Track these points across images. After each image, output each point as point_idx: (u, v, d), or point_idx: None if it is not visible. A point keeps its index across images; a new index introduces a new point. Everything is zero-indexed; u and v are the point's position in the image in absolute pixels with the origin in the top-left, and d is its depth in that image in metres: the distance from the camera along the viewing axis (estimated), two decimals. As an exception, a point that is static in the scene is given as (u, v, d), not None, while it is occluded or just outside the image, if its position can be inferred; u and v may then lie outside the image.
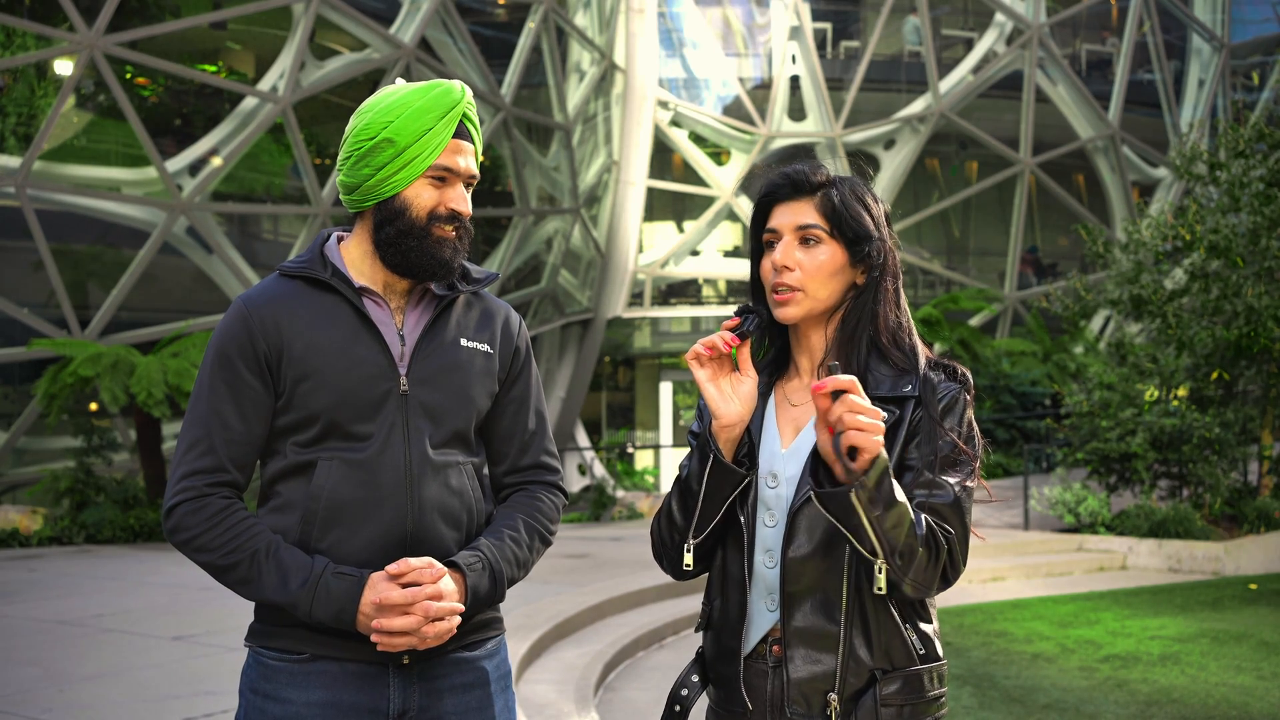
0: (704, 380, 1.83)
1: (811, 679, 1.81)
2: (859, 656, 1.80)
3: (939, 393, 1.85)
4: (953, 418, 1.84)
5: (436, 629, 1.89)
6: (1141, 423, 11.65)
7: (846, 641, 1.80)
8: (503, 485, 2.17)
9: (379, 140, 1.98)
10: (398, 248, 1.99)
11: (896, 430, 1.83)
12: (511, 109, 17.35)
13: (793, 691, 1.81)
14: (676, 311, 23.16)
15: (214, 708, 5.20)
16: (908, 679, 1.81)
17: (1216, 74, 24.68)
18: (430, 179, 1.99)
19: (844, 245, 1.88)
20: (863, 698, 1.79)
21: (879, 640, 1.80)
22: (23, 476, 13.96)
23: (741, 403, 1.84)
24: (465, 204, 2.02)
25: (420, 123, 1.97)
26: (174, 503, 1.94)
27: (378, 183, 1.99)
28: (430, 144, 1.97)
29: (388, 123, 1.97)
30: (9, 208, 13.34)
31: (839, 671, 1.79)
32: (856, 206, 1.88)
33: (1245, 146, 12.69)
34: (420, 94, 1.99)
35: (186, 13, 15.95)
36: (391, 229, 1.99)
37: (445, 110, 1.98)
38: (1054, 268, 24.44)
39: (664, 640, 7.56)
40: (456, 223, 2.01)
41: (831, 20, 23.26)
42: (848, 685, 1.79)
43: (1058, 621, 8.19)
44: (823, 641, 1.81)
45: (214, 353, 1.99)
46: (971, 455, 1.84)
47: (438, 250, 1.99)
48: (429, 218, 1.99)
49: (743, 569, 1.88)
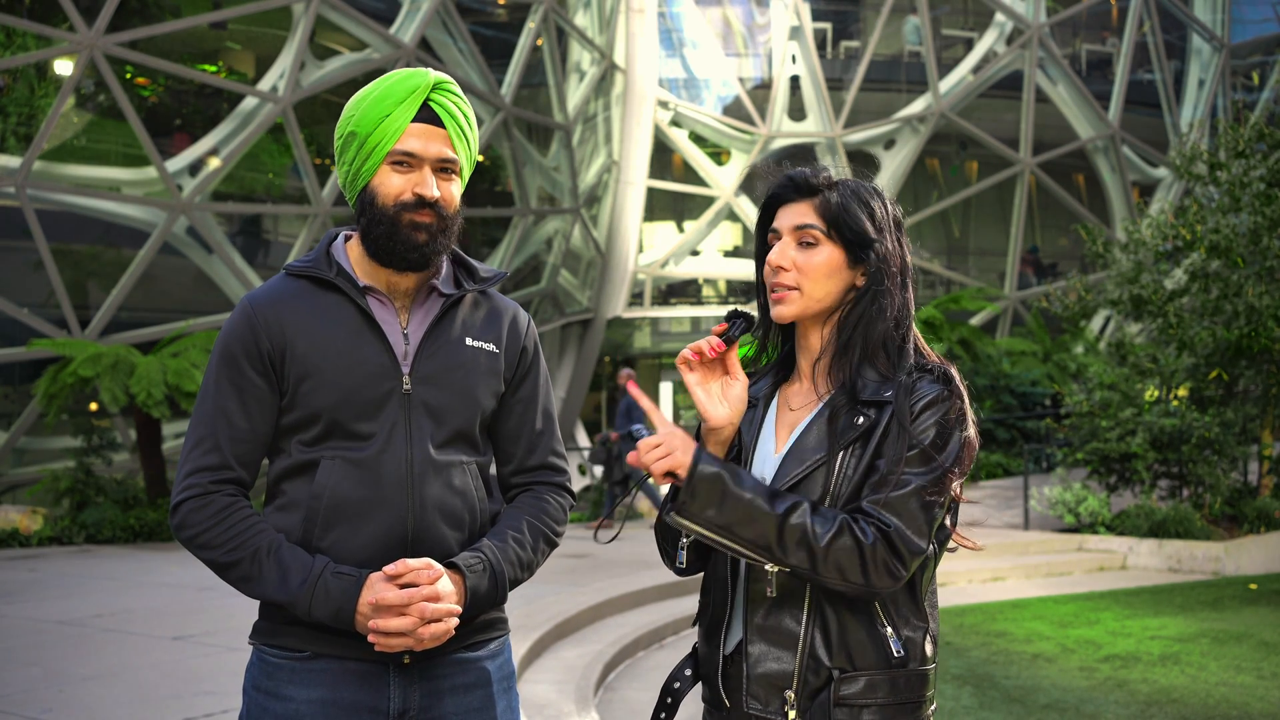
0: (694, 384, 1.86)
1: (769, 675, 1.82)
2: (818, 655, 1.81)
3: (916, 394, 1.84)
4: (930, 415, 1.82)
5: (433, 630, 1.88)
6: (1141, 423, 11.65)
7: (806, 640, 1.81)
8: (509, 485, 2.16)
9: (346, 135, 1.99)
10: (370, 236, 1.99)
11: (871, 434, 1.83)
12: (511, 109, 17.35)
13: (752, 687, 1.83)
14: (676, 311, 23.16)
15: (214, 708, 5.20)
16: (875, 681, 1.80)
17: (1216, 74, 24.68)
18: (391, 165, 1.97)
19: (842, 246, 1.89)
20: (819, 696, 1.80)
21: (841, 640, 1.80)
22: (23, 476, 13.96)
23: (731, 406, 1.86)
24: (432, 188, 1.97)
25: (378, 110, 1.96)
26: (179, 499, 1.95)
27: (353, 176, 2.00)
28: (388, 130, 1.95)
29: (351, 115, 1.98)
30: (9, 208, 13.34)
31: (797, 670, 1.81)
32: (855, 208, 1.89)
33: (1245, 146, 12.68)
34: (381, 82, 1.99)
35: (186, 13, 15.96)
36: (365, 219, 1.99)
37: (403, 96, 1.96)
38: (1054, 268, 24.44)
39: (664, 640, 7.57)
40: (429, 208, 1.97)
41: (831, 20, 23.27)
42: (806, 684, 1.81)
43: (1058, 621, 8.19)
44: (783, 639, 1.82)
45: (220, 352, 1.99)
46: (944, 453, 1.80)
47: (410, 236, 1.97)
48: (396, 205, 1.97)
49: (726, 568, 1.91)
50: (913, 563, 1.77)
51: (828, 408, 1.88)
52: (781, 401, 1.97)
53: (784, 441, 1.92)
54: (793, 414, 1.94)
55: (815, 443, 1.86)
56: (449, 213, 2.01)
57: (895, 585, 1.77)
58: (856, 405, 1.84)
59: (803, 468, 1.84)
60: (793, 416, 1.94)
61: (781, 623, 1.82)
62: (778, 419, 1.95)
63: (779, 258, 1.89)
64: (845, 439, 1.83)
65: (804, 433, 1.88)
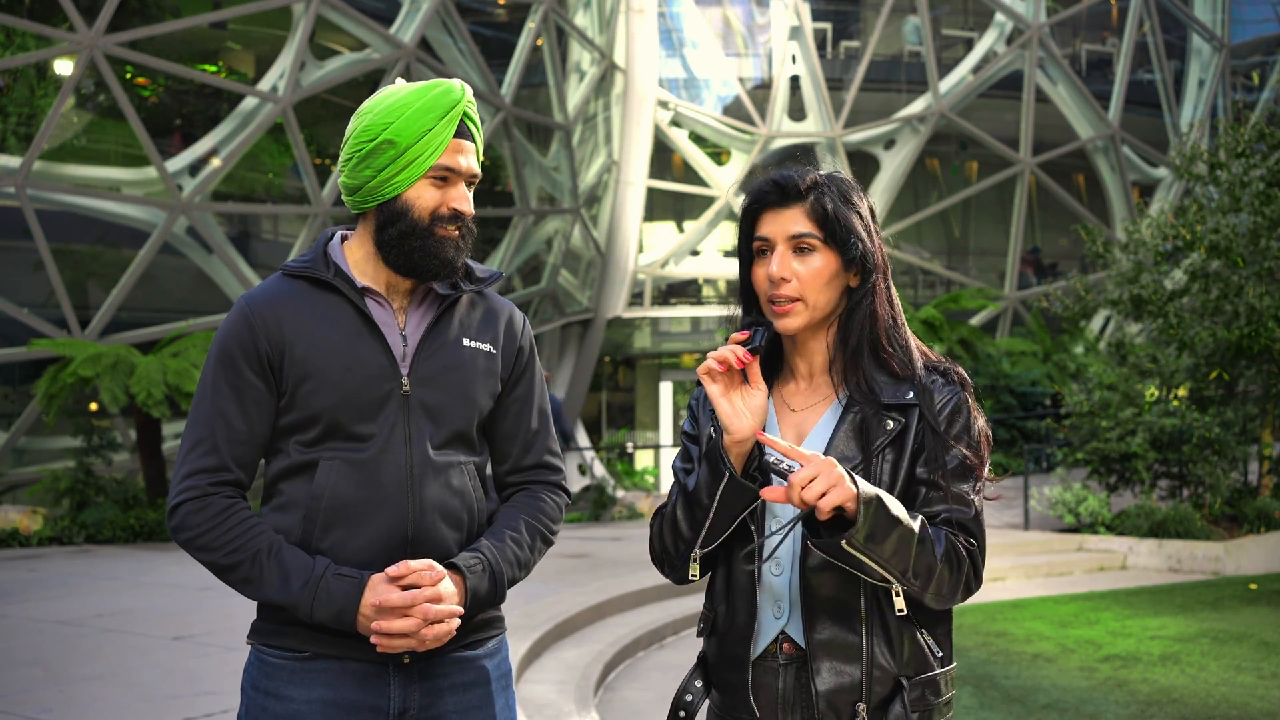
0: (717, 395, 1.81)
1: (839, 690, 1.81)
2: (882, 665, 1.81)
3: (939, 399, 1.85)
4: (959, 423, 1.85)
5: (435, 631, 1.89)
6: (1141, 423, 11.65)
7: (869, 651, 1.81)
8: (505, 485, 2.17)
9: (380, 142, 1.97)
10: (401, 248, 1.99)
11: (903, 439, 1.83)
12: (511, 109, 17.35)
13: (821, 704, 1.82)
14: (676, 311, 23.16)
15: (214, 708, 5.20)
16: (927, 683, 1.83)
17: (1216, 74, 24.67)
18: (431, 179, 1.99)
19: (837, 251, 1.87)
20: (891, 705, 1.81)
21: (900, 647, 1.82)
22: (23, 476, 13.96)
23: (753, 416, 1.83)
24: (467, 203, 2.02)
25: (421, 123, 1.96)
26: (177, 501, 1.95)
27: (380, 184, 1.99)
28: (431, 144, 1.96)
29: (388, 124, 1.97)
30: (9, 208, 13.33)
31: (864, 681, 1.81)
32: (846, 210, 1.87)
33: (1245, 146, 12.68)
34: (420, 94, 1.99)
35: (186, 13, 15.94)
36: (394, 230, 1.99)
37: (445, 110, 1.98)
38: (1054, 268, 24.44)
39: (664, 640, 7.56)
40: (459, 222, 2.01)
41: (831, 20, 23.26)
42: (874, 694, 1.81)
43: (1058, 621, 8.19)
44: (846, 652, 1.81)
45: (217, 352, 1.99)
46: (980, 462, 1.85)
47: (441, 250, 1.99)
48: (431, 218, 1.99)
49: (751, 578, 1.88)
50: (983, 580, 1.82)
51: (847, 412, 1.87)
52: (780, 402, 1.95)
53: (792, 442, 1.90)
54: (796, 414, 1.93)
55: (846, 448, 1.85)
56: (471, 224, 2.04)
57: (964, 600, 1.82)
58: (881, 409, 1.84)
59: None
60: (796, 417, 1.92)
61: (842, 636, 1.82)
62: (779, 420, 1.94)
63: (781, 269, 1.85)
64: (879, 444, 1.83)
65: (832, 439, 1.86)
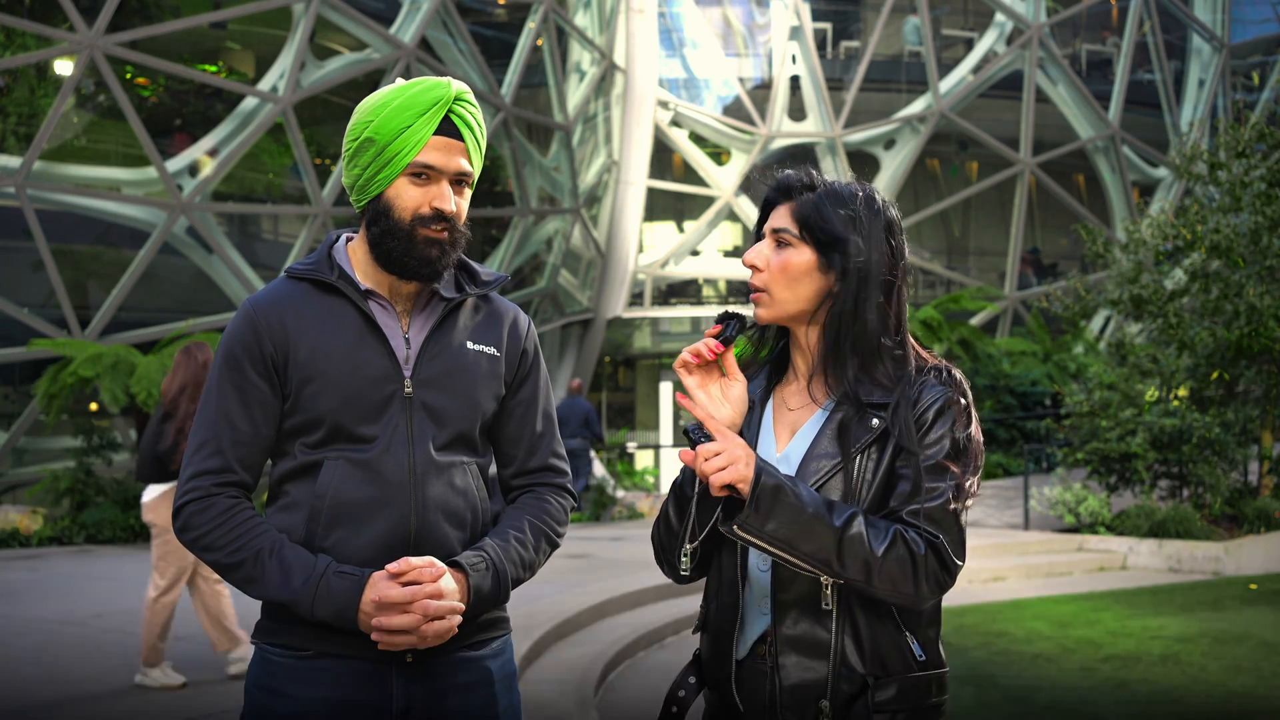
0: (694, 387, 1.85)
1: (803, 685, 1.81)
2: (850, 663, 1.80)
3: (927, 398, 1.84)
4: (944, 422, 1.82)
5: (436, 628, 1.88)
6: (1141, 423, 11.65)
7: (838, 648, 1.80)
8: (511, 487, 2.16)
9: (362, 140, 1.98)
10: (382, 247, 1.99)
11: (885, 437, 1.82)
12: (511, 109, 17.35)
13: (785, 698, 1.81)
14: (676, 311, 23.17)
15: (214, 707, 5.21)
16: (904, 686, 1.81)
17: (1216, 74, 24.67)
18: (410, 177, 1.97)
19: (815, 249, 1.87)
20: (855, 704, 1.79)
21: (872, 646, 1.80)
22: (23, 476, 13.96)
23: (733, 406, 1.85)
24: (450, 203, 1.98)
25: (399, 120, 1.95)
26: (182, 502, 1.97)
27: (366, 182, 1.99)
28: (409, 141, 1.95)
29: (369, 122, 1.97)
30: (9, 208, 13.33)
31: (830, 678, 1.80)
32: (828, 210, 1.86)
33: (1245, 146, 12.69)
34: (401, 91, 1.98)
35: (186, 13, 15.95)
36: (377, 228, 1.99)
37: (426, 107, 1.96)
38: (1054, 268, 24.44)
39: (664, 640, 7.56)
40: (444, 223, 1.98)
41: (831, 20, 23.26)
42: (840, 692, 1.79)
43: (1058, 621, 8.19)
44: (814, 648, 1.81)
45: (222, 355, 2.00)
46: (957, 460, 1.82)
47: (423, 250, 1.97)
48: (413, 218, 1.97)
49: (736, 572, 1.89)
50: (957, 575, 1.79)
51: (835, 412, 1.87)
52: (778, 401, 1.96)
53: (784, 441, 1.91)
54: (791, 414, 1.93)
55: (830, 447, 1.85)
56: (461, 225, 2.01)
57: (938, 597, 1.79)
58: (865, 409, 1.84)
59: (821, 473, 1.83)
60: (791, 416, 1.93)
61: (812, 632, 1.81)
62: (775, 419, 1.94)
63: (752, 256, 1.90)
64: (861, 442, 1.82)
65: (816, 438, 1.86)
